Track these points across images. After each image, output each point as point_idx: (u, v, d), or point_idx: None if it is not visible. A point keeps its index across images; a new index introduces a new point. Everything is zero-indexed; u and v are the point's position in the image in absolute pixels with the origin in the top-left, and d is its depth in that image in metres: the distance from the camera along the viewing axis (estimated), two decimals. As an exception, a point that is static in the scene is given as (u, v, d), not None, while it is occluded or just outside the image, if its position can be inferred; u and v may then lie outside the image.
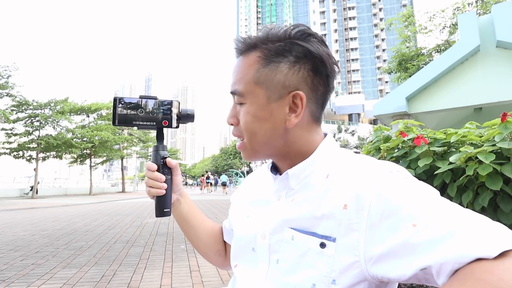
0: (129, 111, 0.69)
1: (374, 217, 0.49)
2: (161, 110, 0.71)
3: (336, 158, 0.61)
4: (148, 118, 0.70)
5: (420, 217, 0.45)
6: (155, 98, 0.71)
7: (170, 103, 0.72)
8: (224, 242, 0.86)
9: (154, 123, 0.71)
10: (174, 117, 0.72)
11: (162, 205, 0.71)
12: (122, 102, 0.69)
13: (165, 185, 0.70)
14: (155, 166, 0.70)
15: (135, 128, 0.72)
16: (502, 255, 0.39)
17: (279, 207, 0.61)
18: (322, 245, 0.52)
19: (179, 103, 0.74)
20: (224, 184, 24.97)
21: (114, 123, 0.69)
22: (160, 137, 0.74)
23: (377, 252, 0.47)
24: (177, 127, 0.73)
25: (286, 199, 0.61)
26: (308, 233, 0.54)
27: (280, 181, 0.63)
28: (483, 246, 0.40)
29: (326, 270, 0.51)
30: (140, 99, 0.70)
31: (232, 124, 0.64)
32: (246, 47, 0.61)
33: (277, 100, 0.58)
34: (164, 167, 0.72)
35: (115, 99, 0.69)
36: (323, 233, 0.53)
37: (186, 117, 0.74)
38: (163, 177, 0.70)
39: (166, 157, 0.72)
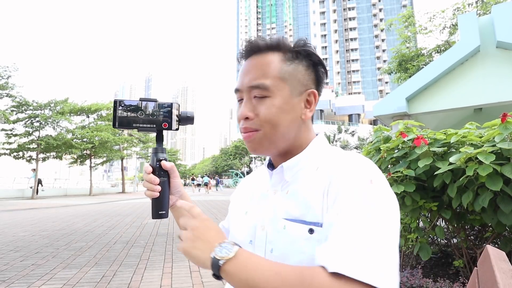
0: (129, 113, 0.70)
1: (330, 201, 0.57)
2: (161, 113, 0.72)
3: (327, 153, 0.68)
4: (148, 120, 0.71)
5: (341, 215, 0.52)
6: (155, 100, 0.72)
7: (170, 106, 0.73)
8: None
9: (154, 126, 0.71)
10: (174, 119, 0.73)
11: (158, 207, 0.71)
12: (122, 105, 0.70)
13: (158, 188, 0.70)
14: (150, 168, 0.71)
15: (136, 130, 0.73)
16: (347, 279, 0.45)
17: (275, 200, 0.67)
18: (311, 231, 0.58)
19: (179, 105, 0.74)
20: (206, 184, 28.54)
21: (114, 126, 0.69)
22: (159, 139, 0.74)
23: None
24: (177, 129, 0.74)
25: (282, 192, 0.67)
26: (298, 221, 0.60)
27: (276, 174, 0.69)
28: (336, 260, 0.47)
29: (314, 254, 0.54)
30: (140, 102, 0.71)
31: (247, 118, 0.66)
32: (267, 47, 0.68)
33: (297, 95, 0.67)
34: (160, 170, 0.72)
35: (115, 102, 0.69)
36: (312, 220, 0.59)
37: (186, 119, 0.75)
38: (157, 180, 0.70)
39: (162, 160, 0.72)
